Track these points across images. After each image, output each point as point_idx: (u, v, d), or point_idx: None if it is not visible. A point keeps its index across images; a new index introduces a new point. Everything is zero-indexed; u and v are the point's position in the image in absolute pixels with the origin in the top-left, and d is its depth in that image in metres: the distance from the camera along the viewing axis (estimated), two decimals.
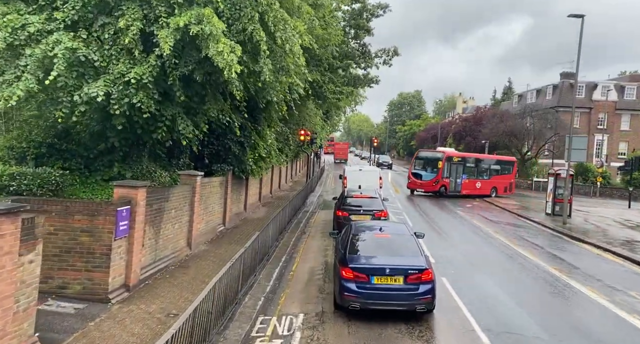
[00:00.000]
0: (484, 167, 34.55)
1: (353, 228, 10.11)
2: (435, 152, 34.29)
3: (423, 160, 33.51)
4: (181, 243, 12.45)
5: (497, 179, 34.88)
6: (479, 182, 33.64)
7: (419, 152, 36.40)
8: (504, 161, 37.11)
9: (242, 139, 17.13)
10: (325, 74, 21.56)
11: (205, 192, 14.50)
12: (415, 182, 32.53)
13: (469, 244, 16.33)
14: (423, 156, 34.33)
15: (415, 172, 32.99)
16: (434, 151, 35.52)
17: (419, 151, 37.45)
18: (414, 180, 32.64)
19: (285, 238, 15.94)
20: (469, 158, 34.46)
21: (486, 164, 34.99)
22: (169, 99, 11.42)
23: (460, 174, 32.66)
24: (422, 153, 35.68)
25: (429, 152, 35.69)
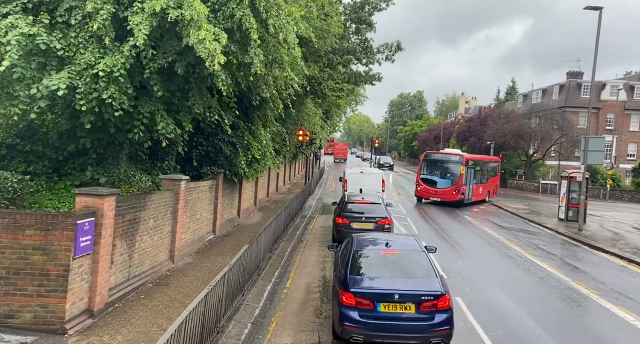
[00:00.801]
0: (485, 169, 31.57)
1: (355, 242, 8.75)
2: (451, 154, 28.73)
3: (436, 163, 28.26)
4: (162, 257, 11.11)
5: (491, 182, 32.57)
6: (481, 187, 30.41)
7: (428, 153, 30.36)
8: (495, 162, 34.95)
9: (234, 139, 15.81)
10: (324, 70, 20.22)
11: (191, 198, 13.16)
12: (428, 190, 27.34)
13: (481, 255, 14.98)
14: (436, 159, 28.75)
15: (427, 178, 27.82)
16: (447, 153, 29.61)
17: (428, 152, 31.02)
18: (425, 187, 27.52)
19: (280, 248, 14.60)
20: (478, 160, 30.86)
21: (487, 166, 32.20)
22: (147, 94, 10.10)
23: (472, 179, 28.69)
24: (434, 155, 29.75)
25: (443, 154, 29.38)
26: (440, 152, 30.14)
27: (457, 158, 27.68)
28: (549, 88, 54.53)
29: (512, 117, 45.00)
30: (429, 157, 29.34)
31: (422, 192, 27.86)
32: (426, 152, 31.21)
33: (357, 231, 14.46)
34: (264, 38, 10.27)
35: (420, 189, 27.98)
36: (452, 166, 27.41)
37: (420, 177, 28.19)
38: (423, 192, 27.82)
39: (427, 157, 29.54)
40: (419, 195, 28.20)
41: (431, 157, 29.29)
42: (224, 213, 16.85)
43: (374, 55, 23.05)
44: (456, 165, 27.29)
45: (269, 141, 18.59)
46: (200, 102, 10.54)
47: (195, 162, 15.21)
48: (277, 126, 20.20)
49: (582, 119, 49.72)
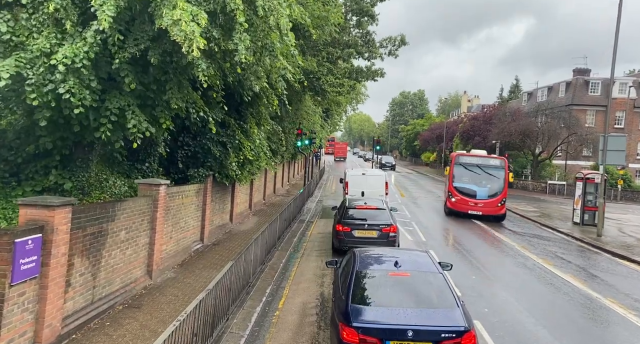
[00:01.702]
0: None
1: (357, 261, 7.38)
2: (490, 158, 23.76)
3: (472, 169, 22.83)
4: (136, 273, 9.74)
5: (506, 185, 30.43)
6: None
7: (461, 156, 24.08)
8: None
9: (225, 138, 14.44)
10: (323, 65, 18.84)
11: (174, 204, 11.79)
12: (466, 203, 21.94)
13: (496, 265, 13.59)
14: (471, 163, 23.13)
15: (464, 187, 22.32)
16: (486, 155, 24.12)
17: (460, 154, 24.63)
18: (462, 199, 22.01)
19: (275, 258, 13.22)
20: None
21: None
22: (117, 88, 8.74)
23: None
24: (468, 158, 23.63)
25: (480, 158, 23.53)
26: (476, 154, 24.06)
27: (499, 162, 22.87)
28: (555, 86, 53.09)
29: (518, 116, 43.58)
30: (462, 161, 23.26)
31: (459, 204, 22.07)
32: (457, 153, 24.61)
33: (359, 239, 13.22)
34: (252, 22, 8.90)
35: (456, 201, 22.16)
36: (494, 172, 22.42)
37: (455, 185, 22.38)
38: (460, 204, 22.06)
39: (459, 160, 23.33)
40: (453, 208, 22.28)
41: (465, 161, 23.27)
42: (214, 219, 15.48)
43: (376, 50, 21.71)
44: (498, 170, 22.43)
45: (264, 140, 17.22)
46: (179, 97, 9.16)
47: (180, 164, 13.86)
48: (272, 125, 18.82)
49: (589, 118, 48.31)
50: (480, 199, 21.88)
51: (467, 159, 23.43)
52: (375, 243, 13.03)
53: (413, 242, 16.13)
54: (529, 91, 59.77)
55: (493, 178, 22.32)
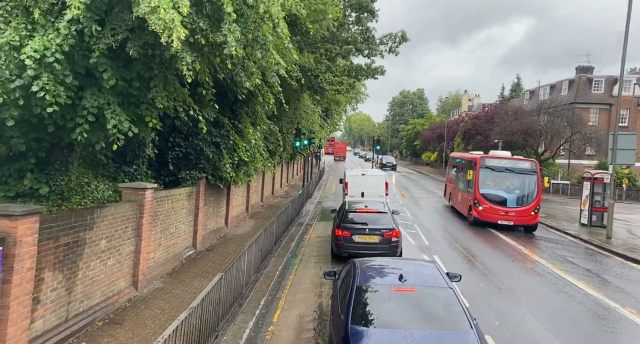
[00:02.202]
0: None
1: (358, 274, 6.68)
2: (518, 159, 20.97)
3: (501, 173, 20.01)
4: (120, 284, 9.03)
5: None
6: None
7: (486, 158, 20.72)
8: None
9: (218, 139, 13.75)
10: (321, 62, 18.12)
11: (163, 209, 11.09)
12: (496, 212, 19.19)
13: (503, 271, 12.87)
14: (499, 166, 20.13)
15: (493, 193, 19.64)
16: (514, 158, 21.28)
17: (484, 157, 21.18)
18: (491, 207, 19.31)
19: (271, 265, 12.51)
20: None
21: None
22: (96, 84, 8.04)
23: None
24: (495, 161, 20.44)
25: (509, 160, 20.52)
26: (504, 156, 21.15)
27: (530, 165, 20.11)
28: (558, 84, 52.36)
29: (521, 114, 42.82)
30: (489, 164, 20.23)
31: (487, 214, 19.31)
32: (482, 156, 21.21)
33: (360, 245, 12.56)
34: (241, 12, 8.19)
35: (484, 209, 19.37)
36: (525, 176, 19.80)
37: (482, 192, 19.65)
38: (488, 213, 19.29)
39: (486, 163, 20.27)
40: (480, 218, 19.50)
41: (492, 164, 20.25)
42: (208, 223, 14.78)
43: (376, 47, 20.96)
44: (530, 174, 19.76)
45: (260, 140, 16.51)
46: (164, 94, 8.45)
47: (171, 166, 13.16)
48: (269, 124, 18.11)
49: (592, 116, 47.60)
50: (511, 207, 19.17)
51: (494, 162, 20.33)
52: (377, 249, 12.51)
53: (416, 247, 15.43)
54: (531, 89, 59.05)
55: (525, 183, 19.71)
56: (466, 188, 21.84)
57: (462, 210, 22.19)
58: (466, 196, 21.57)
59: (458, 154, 27.63)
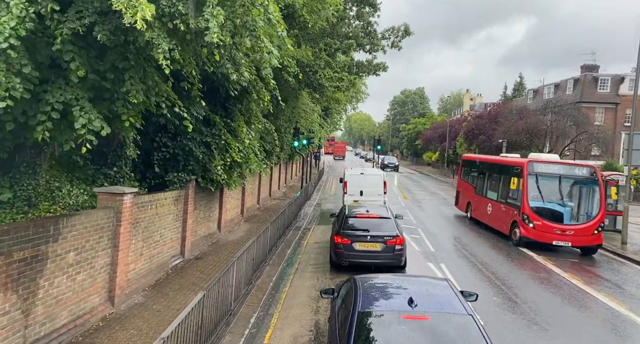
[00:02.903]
0: None
1: (360, 295, 5.72)
2: (575, 165, 17.04)
3: (554, 181, 15.97)
4: (93, 300, 8.07)
5: None
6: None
7: (535, 163, 16.40)
8: None
9: (209, 138, 12.79)
10: (320, 57, 17.16)
11: (145, 215, 10.12)
12: (549, 229, 15.25)
13: (518, 282, 11.87)
14: (552, 173, 16.04)
15: (546, 207, 15.73)
16: (568, 163, 17.57)
17: (533, 161, 16.72)
18: (545, 224, 15.33)
19: (264, 275, 11.54)
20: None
21: None
22: (63, 76, 7.09)
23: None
24: (546, 167, 16.25)
25: (562, 166, 16.48)
26: (555, 160, 17.12)
27: (589, 172, 16.06)
28: (562, 83, 51.38)
29: (525, 114, 41.85)
30: (539, 170, 16.08)
31: (540, 232, 15.37)
32: (529, 160, 16.73)
33: (361, 253, 11.67)
34: None
35: (536, 227, 15.37)
36: (585, 185, 16.06)
37: (533, 206, 15.66)
38: (542, 232, 15.35)
39: (534, 169, 16.11)
40: (531, 237, 15.52)
41: (543, 171, 16.10)
42: (198, 229, 13.82)
43: (378, 41, 20.00)
44: (590, 183, 15.95)
45: (255, 140, 15.53)
46: (140, 87, 7.48)
47: (157, 168, 12.19)
48: (264, 123, 17.15)
49: (598, 115, 46.58)
50: (569, 225, 15.36)
51: (545, 168, 16.13)
52: (379, 258, 11.72)
53: (420, 253, 14.47)
54: (534, 88, 58.06)
55: (584, 194, 16.02)
56: (504, 199, 17.63)
57: (496, 225, 18.00)
58: (505, 209, 17.41)
59: (479, 157, 23.76)
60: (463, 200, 22.78)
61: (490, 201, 19.12)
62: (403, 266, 12.15)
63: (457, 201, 23.97)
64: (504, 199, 17.90)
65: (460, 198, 23.45)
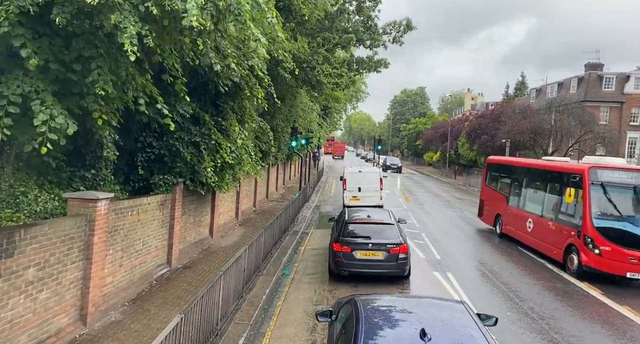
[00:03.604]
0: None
1: (362, 324, 4.82)
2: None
3: (627, 193, 12.58)
4: (60, 321, 7.15)
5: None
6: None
7: (597, 169, 12.87)
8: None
9: (198, 138, 11.86)
10: (318, 52, 16.24)
11: (125, 222, 9.20)
12: (623, 256, 11.88)
13: (537, 297, 10.98)
14: (624, 183, 12.63)
15: (616, 228, 12.38)
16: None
17: (597, 166, 13.00)
18: (616, 249, 11.97)
19: (257, 288, 10.61)
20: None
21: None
22: (21, 66, 6.18)
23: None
24: (615, 175, 12.75)
25: (635, 172, 12.90)
26: (624, 166, 13.48)
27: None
28: (566, 81, 50.43)
29: (529, 113, 40.94)
30: (604, 179, 12.63)
31: (610, 260, 11.97)
32: (592, 166, 13.07)
33: (362, 262, 10.86)
34: None
35: (605, 253, 12.01)
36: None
37: (599, 226, 12.30)
38: (612, 260, 11.95)
39: (600, 177, 12.66)
40: (597, 267, 12.10)
41: (610, 179, 12.65)
42: (187, 235, 12.91)
43: (379, 37, 19.08)
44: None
45: (249, 140, 14.61)
46: (109, 78, 6.56)
47: (141, 170, 11.26)
48: (259, 122, 16.23)
49: (603, 114, 45.61)
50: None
51: (614, 176, 12.61)
52: (382, 267, 11.04)
53: (426, 261, 13.56)
54: (537, 87, 57.13)
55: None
56: (554, 214, 14.16)
57: (541, 246, 14.61)
58: (555, 228, 13.88)
59: (513, 160, 19.90)
60: (490, 211, 19.02)
61: (531, 215, 15.47)
62: (407, 275, 11.41)
63: (480, 212, 20.07)
64: (552, 214, 14.27)
65: (485, 209, 19.60)
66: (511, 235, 16.91)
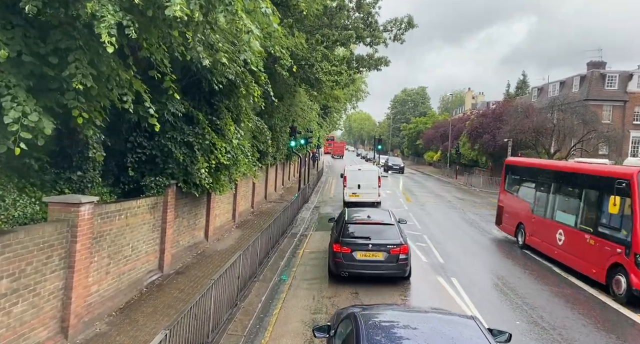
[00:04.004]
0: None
1: (364, 341, 4.33)
2: None
3: None
4: (39, 335, 6.66)
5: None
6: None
7: None
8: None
9: (191, 138, 11.38)
10: (317, 49, 15.74)
11: (113, 227, 8.71)
12: None
13: (553, 309, 10.50)
14: None
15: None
16: None
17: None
18: None
19: (252, 294, 10.11)
20: None
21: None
22: None
23: None
24: None
25: None
26: None
27: None
28: (568, 80, 49.92)
29: (532, 112, 40.44)
30: None
31: None
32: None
33: (362, 263, 10.76)
34: None
35: None
36: None
37: None
38: None
39: None
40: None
41: None
42: (181, 239, 12.42)
43: (379, 34, 18.57)
44: None
45: (245, 140, 14.11)
46: (89, 72, 6.07)
47: (132, 172, 10.76)
48: (256, 121, 15.73)
49: (606, 113, 45.08)
50: None
51: None
52: (382, 268, 10.90)
53: (428, 265, 13.07)
54: (539, 86, 56.58)
55: None
56: (592, 227, 12.08)
57: (575, 263, 12.58)
58: (595, 243, 11.79)
59: (538, 162, 17.82)
60: (510, 219, 16.95)
61: (563, 226, 13.45)
62: (407, 276, 11.27)
63: (499, 220, 17.97)
64: (591, 226, 12.13)
65: (505, 216, 17.46)
66: (536, 247, 14.93)
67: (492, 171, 46.91)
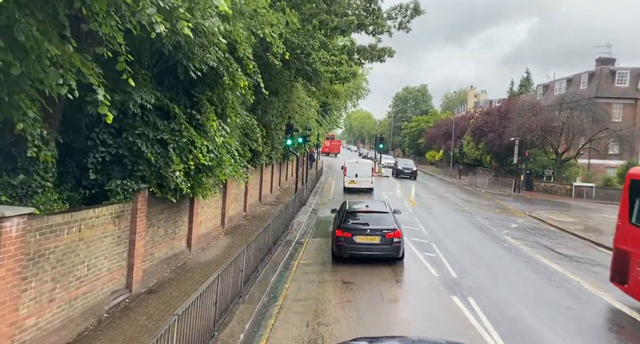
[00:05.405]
0: None
1: None
2: None
3: None
4: None
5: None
6: None
7: None
8: None
9: (166, 134, 9.75)
10: (314, 36, 14.10)
11: (59, 244, 7.09)
12: None
13: (571, 323, 8.90)
14: None
15: None
16: None
17: None
18: None
19: (234, 321, 8.48)
20: None
21: None
22: None
23: None
24: None
25: None
26: None
27: None
28: (575, 77, 48.34)
29: (539, 110, 38.85)
30: None
31: None
32: None
33: (361, 246, 12.31)
34: None
35: None
36: None
37: None
38: None
39: None
40: None
41: None
42: (156, 251, 10.79)
43: (383, 21, 16.94)
44: None
45: (232, 138, 12.44)
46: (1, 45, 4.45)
47: (93, 174, 9.11)
48: (244, 117, 14.09)
49: (616, 111, 43.48)
50: None
51: None
52: (378, 250, 12.35)
53: (440, 281, 11.44)
54: (544, 83, 54.99)
55: None
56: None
57: None
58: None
59: None
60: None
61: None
62: (401, 257, 12.61)
63: (620, 273, 9.91)
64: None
65: (636, 270, 9.30)
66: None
67: (496, 171, 45.33)
